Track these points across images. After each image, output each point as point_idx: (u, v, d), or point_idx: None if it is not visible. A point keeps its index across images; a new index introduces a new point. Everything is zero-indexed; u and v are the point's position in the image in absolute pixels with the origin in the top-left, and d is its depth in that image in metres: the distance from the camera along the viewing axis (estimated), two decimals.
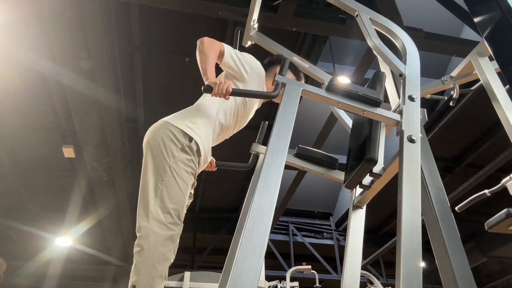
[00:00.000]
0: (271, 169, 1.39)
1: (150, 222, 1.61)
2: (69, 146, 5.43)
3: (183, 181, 1.70)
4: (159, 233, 1.59)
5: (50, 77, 4.44)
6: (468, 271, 1.45)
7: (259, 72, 2.04)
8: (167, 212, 1.63)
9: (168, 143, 1.73)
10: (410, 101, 1.75)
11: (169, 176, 1.67)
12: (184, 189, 1.70)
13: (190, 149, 1.75)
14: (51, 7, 3.38)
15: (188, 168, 1.73)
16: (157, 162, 1.71)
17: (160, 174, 1.68)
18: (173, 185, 1.67)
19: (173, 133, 1.76)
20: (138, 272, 1.53)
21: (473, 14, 1.87)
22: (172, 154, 1.71)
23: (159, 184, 1.66)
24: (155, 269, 1.54)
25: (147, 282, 1.51)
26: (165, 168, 1.68)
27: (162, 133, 1.76)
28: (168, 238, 1.60)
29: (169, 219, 1.62)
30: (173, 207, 1.64)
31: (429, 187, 1.69)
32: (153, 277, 1.53)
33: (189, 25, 4.47)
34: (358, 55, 4.81)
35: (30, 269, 8.14)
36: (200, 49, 1.83)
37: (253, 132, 2.26)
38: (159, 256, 1.56)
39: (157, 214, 1.62)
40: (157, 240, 1.57)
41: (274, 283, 5.63)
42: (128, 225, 6.79)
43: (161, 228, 1.60)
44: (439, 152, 6.00)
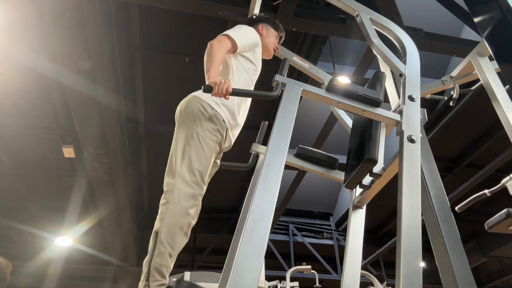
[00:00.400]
0: (271, 169, 1.39)
1: (175, 179, 1.77)
2: (69, 146, 5.43)
3: (208, 147, 1.87)
4: (183, 189, 1.75)
5: (50, 77, 4.44)
6: (468, 271, 1.45)
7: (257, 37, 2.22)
8: (191, 172, 1.79)
9: (197, 112, 1.91)
10: (410, 101, 1.75)
11: (196, 141, 1.85)
12: (209, 154, 1.87)
13: (217, 119, 1.93)
14: (51, 7, 3.38)
15: (213, 137, 1.90)
16: (187, 129, 1.89)
17: (188, 139, 1.86)
18: (199, 149, 1.84)
19: (202, 105, 1.93)
20: (162, 220, 1.69)
21: (473, 14, 1.87)
22: (200, 123, 1.89)
23: (186, 147, 1.84)
24: (177, 220, 1.70)
25: (169, 229, 1.67)
26: (193, 134, 1.86)
27: (192, 105, 1.94)
28: (191, 196, 1.77)
29: (193, 179, 1.79)
30: (197, 168, 1.81)
31: (429, 187, 1.69)
32: (175, 227, 1.69)
33: (189, 25, 4.47)
34: (358, 55, 4.82)
35: (30, 269, 8.13)
36: (209, 52, 1.91)
37: (253, 132, 2.26)
38: (182, 209, 1.72)
39: (183, 173, 1.78)
40: (180, 195, 1.74)
41: (274, 283, 5.62)
42: (128, 225, 6.79)
43: (185, 185, 1.76)
44: (439, 152, 6.00)
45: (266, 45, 2.32)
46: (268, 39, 2.33)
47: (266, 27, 2.34)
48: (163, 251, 1.65)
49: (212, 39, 2.00)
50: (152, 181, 6.95)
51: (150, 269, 1.62)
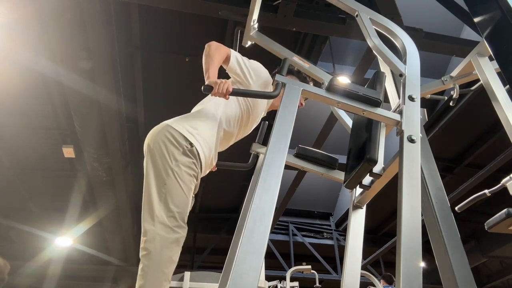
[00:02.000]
0: (271, 169, 1.39)
1: (155, 226, 1.59)
2: (69, 146, 5.43)
3: (186, 184, 1.69)
4: (165, 237, 1.58)
5: (50, 77, 4.44)
6: (468, 271, 1.45)
7: (266, 80, 2.03)
8: (172, 215, 1.62)
9: (169, 147, 1.72)
10: (410, 101, 1.75)
11: (172, 179, 1.67)
12: (188, 192, 1.70)
13: (192, 152, 1.75)
14: (51, 7, 3.38)
15: (190, 171, 1.72)
16: (160, 166, 1.70)
17: (163, 178, 1.67)
18: (176, 189, 1.66)
19: (173, 137, 1.74)
20: (146, 275, 1.53)
21: (473, 14, 1.87)
22: (174, 158, 1.70)
23: (162, 188, 1.65)
24: (162, 273, 1.54)
25: (155, 285, 1.52)
26: (168, 171, 1.68)
27: (163, 136, 1.75)
28: (174, 241, 1.60)
29: (174, 223, 1.62)
30: (177, 210, 1.64)
31: (429, 187, 1.69)
32: (160, 281, 1.53)
33: (189, 25, 4.47)
34: (358, 55, 4.81)
35: (30, 269, 8.14)
36: (207, 52, 1.85)
37: (253, 132, 2.26)
38: (166, 259, 1.56)
39: (162, 218, 1.61)
40: (163, 243, 1.57)
41: (274, 283, 5.63)
42: (128, 225, 6.79)
43: (167, 231, 1.59)
44: (439, 152, 6.00)
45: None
46: None
47: (294, 79, 2.14)
48: None
49: (211, 40, 1.99)
50: None
51: None
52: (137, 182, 7.07)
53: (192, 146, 1.75)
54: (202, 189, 7.56)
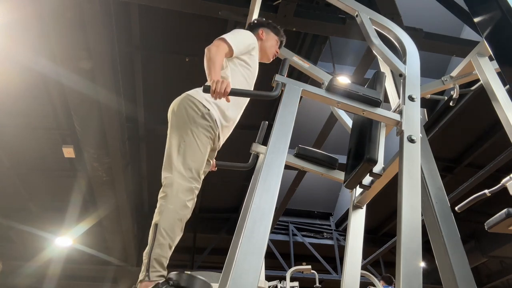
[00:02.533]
0: (271, 169, 1.39)
1: (173, 174, 1.81)
2: (69, 146, 5.42)
3: (202, 143, 1.91)
4: (180, 183, 1.78)
5: (50, 77, 4.44)
6: (468, 271, 1.45)
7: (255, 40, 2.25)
8: (188, 168, 1.83)
9: (190, 111, 1.94)
10: (410, 101, 1.75)
11: (190, 137, 1.89)
12: (203, 150, 1.91)
13: (210, 116, 1.96)
14: (51, 7, 3.38)
15: (207, 133, 1.94)
16: (180, 126, 1.93)
17: (182, 136, 1.90)
18: (193, 146, 1.88)
19: (194, 104, 1.96)
20: (161, 212, 1.72)
21: (473, 14, 1.87)
22: (193, 120, 1.92)
23: (181, 144, 1.88)
24: (176, 213, 1.73)
25: (169, 221, 1.71)
26: (187, 131, 1.90)
27: (185, 103, 1.98)
28: (188, 189, 1.80)
29: (189, 174, 1.82)
30: (193, 164, 1.85)
31: (429, 187, 1.69)
32: (174, 219, 1.72)
33: (189, 25, 4.47)
34: (358, 55, 4.81)
35: (30, 269, 8.14)
36: (207, 57, 1.94)
37: (253, 132, 2.26)
38: (181, 202, 1.76)
39: (180, 168, 1.82)
40: (179, 188, 1.77)
41: (274, 283, 5.62)
42: (128, 225, 6.79)
43: (183, 179, 1.80)
44: (439, 152, 6.00)
45: (265, 49, 2.34)
46: (268, 43, 2.35)
47: (267, 31, 2.37)
48: (163, 243, 1.68)
49: (212, 40, 2.01)
50: (152, 181, 6.95)
51: (150, 260, 1.65)
52: (137, 182, 7.10)
53: (209, 111, 1.97)
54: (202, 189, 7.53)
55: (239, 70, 2.11)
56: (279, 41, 2.41)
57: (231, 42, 2.02)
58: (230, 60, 2.10)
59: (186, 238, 1.75)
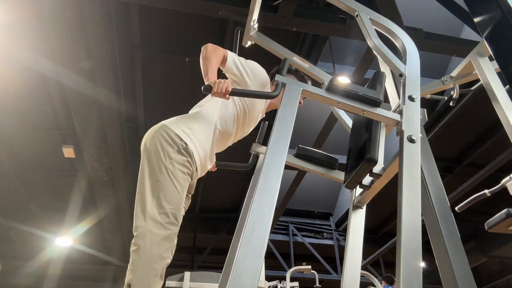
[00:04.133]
0: (271, 169, 1.39)
1: (147, 222, 1.61)
2: (69, 146, 5.43)
3: (179, 182, 1.71)
4: (155, 233, 1.59)
5: (50, 77, 4.44)
6: (468, 271, 1.45)
7: (263, 80, 2.04)
8: (163, 212, 1.63)
9: (164, 145, 1.75)
10: (410, 101, 1.75)
11: (165, 176, 1.69)
12: (181, 190, 1.71)
13: (186, 151, 1.77)
14: (51, 7, 3.38)
15: (184, 169, 1.74)
16: (154, 163, 1.72)
17: (156, 175, 1.70)
18: (169, 186, 1.68)
19: (169, 136, 1.77)
20: (135, 270, 1.53)
21: (473, 14, 1.87)
22: (168, 155, 1.72)
23: (155, 185, 1.68)
24: (151, 268, 1.54)
25: (143, 280, 1.52)
26: (161, 168, 1.70)
27: (159, 135, 1.79)
28: (165, 238, 1.61)
29: (165, 219, 1.63)
30: (169, 207, 1.65)
31: (429, 187, 1.69)
32: (149, 276, 1.54)
33: (189, 25, 4.47)
34: (358, 55, 4.81)
35: (30, 269, 8.14)
36: (204, 55, 1.86)
37: (253, 132, 2.26)
38: (156, 255, 1.57)
39: (154, 214, 1.62)
40: (153, 239, 1.58)
41: (274, 283, 5.63)
42: (128, 225, 6.78)
43: (158, 227, 1.60)
44: (439, 152, 6.00)
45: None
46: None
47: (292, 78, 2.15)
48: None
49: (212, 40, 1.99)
50: None
51: None
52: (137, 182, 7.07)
53: (187, 145, 1.77)
54: (202, 189, 7.60)
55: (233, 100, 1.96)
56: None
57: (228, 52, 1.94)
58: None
59: (186, 238, 1.73)
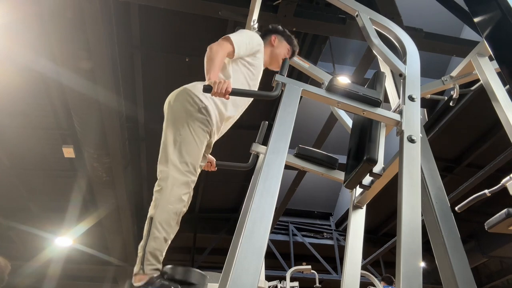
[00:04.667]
0: (271, 169, 1.39)
1: (169, 167, 1.80)
2: (69, 146, 5.43)
3: (199, 137, 1.90)
4: (176, 177, 1.78)
5: (50, 77, 4.44)
6: (468, 271, 1.45)
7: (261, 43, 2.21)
8: (184, 161, 1.82)
9: (186, 105, 1.94)
10: (410, 101, 1.75)
11: (186, 131, 1.88)
12: (200, 144, 1.90)
13: (206, 110, 1.95)
14: (51, 7, 3.38)
15: (203, 127, 1.92)
16: (177, 120, 1.92)
17: (178, 129, 1.89)
18: (189, 139, 1.87)
19: (191, 97, 1.96)
20: (157, 206, 1.73)
21: (473, 14, 1.87)
22: (190, 113, 1.92)
23: (177, 137, 1.87)
24: (171, 205, 1.74)
25: (163, 215, 1.71)
26: (183, 124, 1.89)
27: (182, 97, 1.98)
28: (184, 183, 1.80)
29: (185, 167, 1.82)
30: (189, 158, 1.84)
31: (429, 187, 1.69)
32: (169, 212, 1.73)
33: (189, 25, 4.47)
34: (358, 55, 4.81)
35: (30, 269, 8.13)
36: (208, 55, 1.92)
37: (253, 132, 2.26)
38: (176, 196, 1.76)
39: (175, 162, 1.81)
40: (174, 182, 1.77)
41: (274, 283, 5.63)
42: (128, 225, 6.79)
43: (179, 173, 1.80)
44: (439, 152, 6.00)
45: (275, 55, 2.32)
46: (278, 49, 2.32)
47: (279, 39, 2.35)
48: (158, 236, 1.68)
49: (212, 40, 2.00)
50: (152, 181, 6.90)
51: (145, 253, 1.66)
52: (137, 182, 7.10)
53: (206, 106, 1.95)
54: (202, 189, 7.60)
55: (241, 71, 2.09)
56: (291, 50, 2.37)
57: (235, 43, 2.01)
58: (233, 61, 2.09)
59: (186, 238, 1.74)
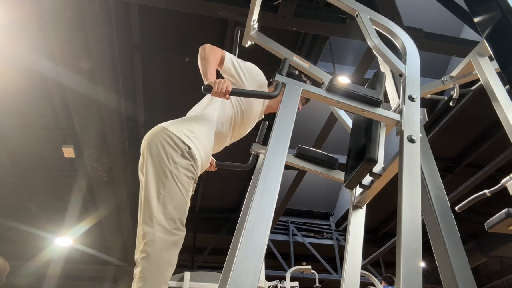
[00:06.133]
0: (271, 169, 1.39)
1: (154, 228, 1.59)
2: (69, 146, 5.43)
3: (184, 187, 1.69)
4: (164, 239, 1.58)
5: (50, 77, 4.44)
6: (468, 271, 1.45)
7: (261, 81, 2.04)
8: (170, 218, 1.62)
9: (168, 149, 1.71)
10: (410, 101, 1.75)
11: (171, 181, 1.66)
12: (186, 195, 1.70)
13: (190, 155, 1.74)
14: (51, 7, 3.38)
15: (188, 173, 1.72)
16: (158, 168, 1.69)
17: (161, 180, 1.66)
18: (175, 191, 1.66)
19: (172, 139, 1.74)
20: (145, 279, 1.51)
21: (473, 14, 1.87)
22: (172, 160, 1.69)
23: (161, 190, 1.65)
24: (161, 276, 1.54)
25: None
26: (166, 173, 1.67)
27: (161, 138, 1.74)
28: (173, 244, 1.60)
29: (172, 225, 1.61)
30: (176, 212, 1.63)
31: (429, 187, 1.69)
32: (160, 284, 1.53)
33: (189, 25, 4.47)
34: (358, 55, 4.81)
35: (30, 269, 8.14)
36: (202, 55, 1.85)
37: (253, 132, 2.26)
38: (165, 262, 1.56)
39: (161, 220, 1.60)
40: (162, 246, 1.57)
41: (274, 283, 5.63)
42: (128, 225, 6.79)
43: (166, 233, 1.59)
44: (439, 152, 6.00)
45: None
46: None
47: None
48: None
49: (212, 39, 2.00)
50: None
51: None
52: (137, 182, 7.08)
53: (190, 149, 1.74)
54: (202, 189, 7.60)
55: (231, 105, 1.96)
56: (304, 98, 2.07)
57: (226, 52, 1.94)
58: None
59: (186, 238, 1.72)
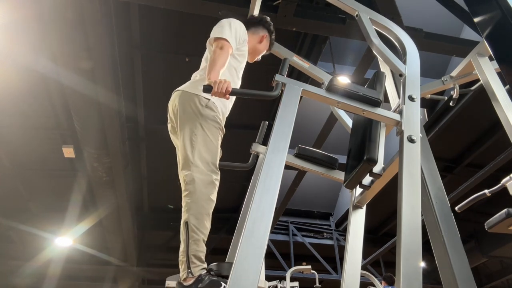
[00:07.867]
0: (271, 169, 1.39)
1: (192, 170, 1.84)
2: (69, 146, 5.43)
3: (213, 135, 1.94)
4: (201, 178, 1.82)
5: (50, 77, 4.44)
6: (468, 271, 1.45)
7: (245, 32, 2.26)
8: (205, 161, 1.87)
9: (193, 105, 1.96)
10: (410, 101, 1.75)
11: (200, 131, 1.91)
12: (215, 142, 1.94)
13: (214, 106, 1.98)
14: (51, 7, 3.38)
15: (216, 124, 1.97)
16: (188, 122, 1.94)
17: (192, 131, 1.92)
18: (205, 138, 1.91)
19: (195, 96, 1.98)
20: (189, 210, 1.77)
21: (473, 14, 1.87)
22: (199, 112, 1.94)
23: (193, 138, 1.91)
24: (203, 207, 1.78)
25: (197, 217, 1.76)
26: (196, 124, 1.92)
27: (185, 98, 2.01)
28: (210, 183, 1.84)
29: (207, 167, 1.86)
30: (208, 157, 1.88)
31: (429, 187, 1.69)
32: (202, 214, 1.77)
33: (189, 25, 4.47)
34: (358, 55, 4.81)
35: (30, 269, 8.13)
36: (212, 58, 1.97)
37: (253, 132, 2.26)
38: (205, 196, 1.80)
39: (197, 163, 1.85)
40: (200, 183, 1.81)
41: (274, 283, 5.62)
42: (128, 225, 6.78)
43: (202, 173, 1.83)
44: (439, 152, 6.00)
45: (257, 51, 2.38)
46: (262, 47, 2.39)
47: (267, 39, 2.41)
48: (197, 238, 1.75)
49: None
50: (152, 181, 6.94)
51: (189, 257, 1.73)
52: (137, 182, 7.10)
53: (209, 101, 1.98)
54: None
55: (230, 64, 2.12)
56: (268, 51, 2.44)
57: (232, 42, 2.05)
58: None
59: None
